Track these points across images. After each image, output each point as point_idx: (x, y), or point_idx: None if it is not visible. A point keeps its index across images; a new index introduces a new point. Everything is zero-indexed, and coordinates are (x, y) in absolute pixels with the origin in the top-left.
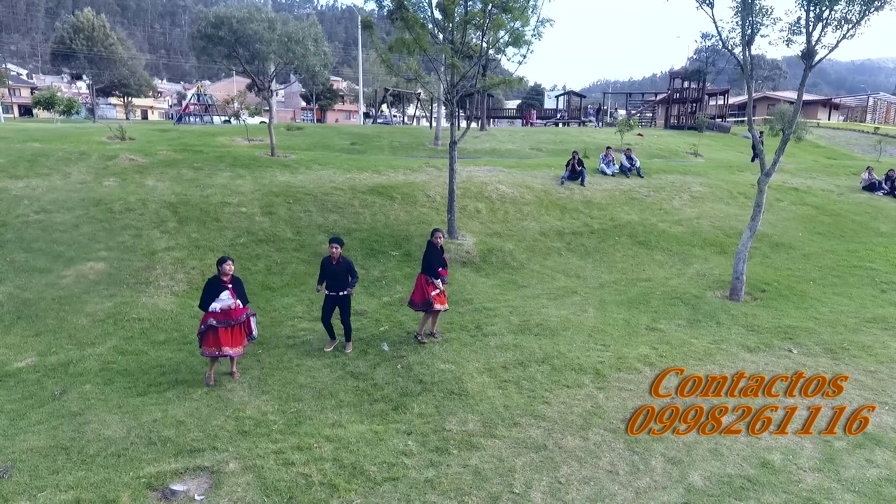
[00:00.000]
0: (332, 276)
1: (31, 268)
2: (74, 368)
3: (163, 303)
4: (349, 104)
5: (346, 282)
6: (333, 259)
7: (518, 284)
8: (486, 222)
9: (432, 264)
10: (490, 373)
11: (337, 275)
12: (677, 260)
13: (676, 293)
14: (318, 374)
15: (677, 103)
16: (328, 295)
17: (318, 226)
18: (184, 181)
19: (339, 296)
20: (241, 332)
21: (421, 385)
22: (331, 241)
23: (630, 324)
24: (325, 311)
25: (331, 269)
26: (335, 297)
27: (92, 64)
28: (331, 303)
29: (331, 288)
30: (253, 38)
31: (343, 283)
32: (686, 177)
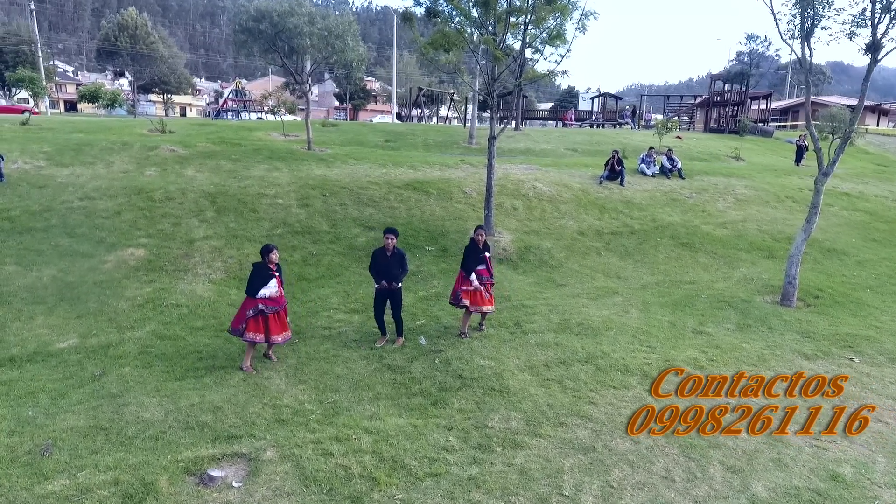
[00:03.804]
0: (384, 269)
1: (75, 252)
2: (114, 351)
3: (201, 290)
4: (382, 104)
5: (399, 274)
6: (388, 250)
7: (556, 283)
8: (523, 220)
9: (468, 263)
10: (531, 370)
11: (390, 267)
12: (723, 263)
13: (724, 297)
14: (354, 365)
15: (718, 106)
16: (379, 288)
17: (354, 219)
18: (222, 172)
19: (392, 288)
20: (283, 319)
21: (460, 380)
22: (386, 232)
23: (676, 326)
24: (378, 305)
25: (384, 261)
26: (387, 290)
27: (134, 61)
28: (382, 297)
29: (378, 278)
30: (293, 31)
31: (396, 276)
32: (730, 179)
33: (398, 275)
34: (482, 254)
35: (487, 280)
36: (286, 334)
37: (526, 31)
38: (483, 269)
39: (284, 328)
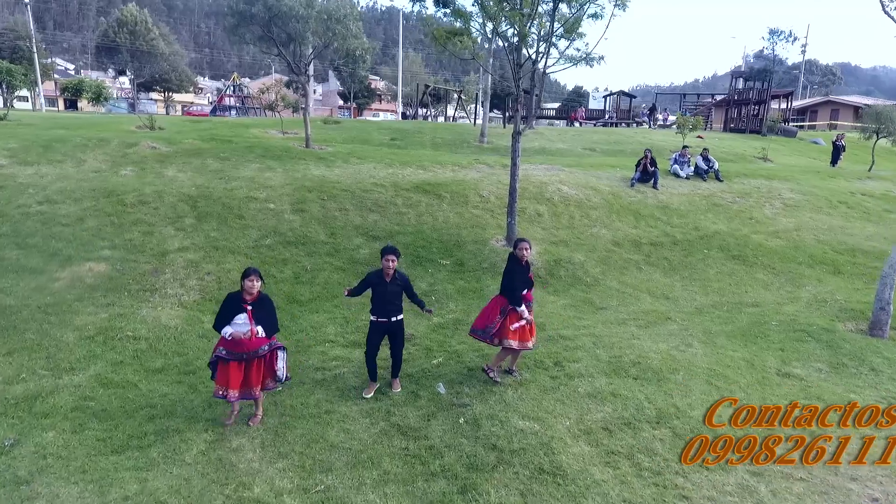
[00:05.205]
0: (381, 297)
1: (21, 267)
2: (41, 405)
3: (167, 316)
4: (387, 103)
5: (400, 305)
6: (387, 275)
7: (595, 305)
8: (550, 228)
9: (514, 286)
10: (588, 438)
11: (390, 295)
12: (784, 280)
13: (798, 324)
14: (353, 426)
15: (738, 105)
16: (376, 322)
17: (356, 227)
18: (207, 172)
19: (391, 322)
20: (259, 371)
21: (495, 453)
22: (386, 253)
23: (755, 366)
24: (372, 342)
25: (381, 288)
26: (386, 323)
27: (134, 58)
28: (380, 332)
29: (380, 312)
30: (288, 14)
31: (397, 307)
32: (772, 182)
33: (400, 306)
34: (528, 274)
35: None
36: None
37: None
38: (529, 293)
39: (252, 383)
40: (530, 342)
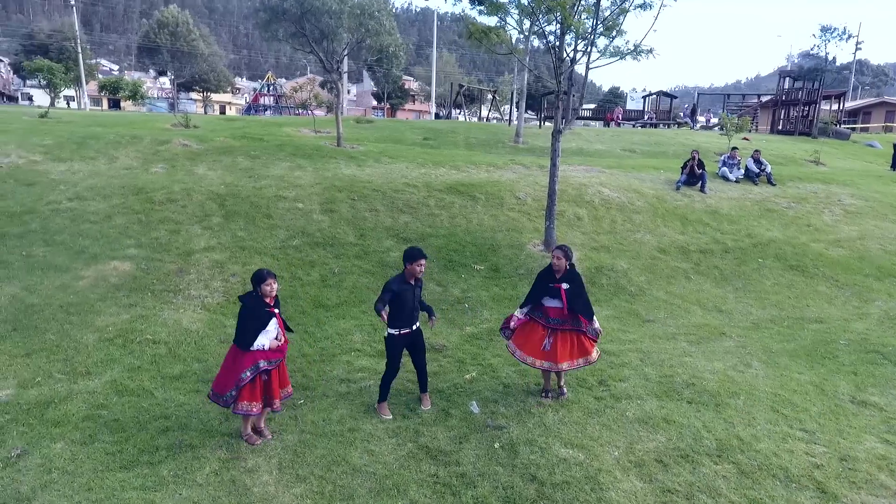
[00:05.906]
0: (405, 305)
1: (47, 265)
2: (54, 412)
3: (188, 319)
4: (420, 104)
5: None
6: (414, 280)
7: (641, 318)
8: (590, 233)
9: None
10: (640, 471)
11: (414, 301)
12: (850, 294)
13: (870, 343)
14: (378, 447)
15: (787, 105)
16: (398, 335)
17: (386, 228)
18: (237, 170)
19: (413, 331)
20: (285, 368)
21: (535, 486)
22: (418, 256)
23: (825, 392)
24: (396, 361)
25: (408, 295)
26: (409, 334)
27: (174, 58)
28: (402, 346)
29: (404, 322)
30: (321, 9)
31: (418, 312)
32: (830, 186)
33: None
34: (553, 283)
35: (565, 326)
36: (287, 390)
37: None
38: (555, 307)
39: (285, 382)
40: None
